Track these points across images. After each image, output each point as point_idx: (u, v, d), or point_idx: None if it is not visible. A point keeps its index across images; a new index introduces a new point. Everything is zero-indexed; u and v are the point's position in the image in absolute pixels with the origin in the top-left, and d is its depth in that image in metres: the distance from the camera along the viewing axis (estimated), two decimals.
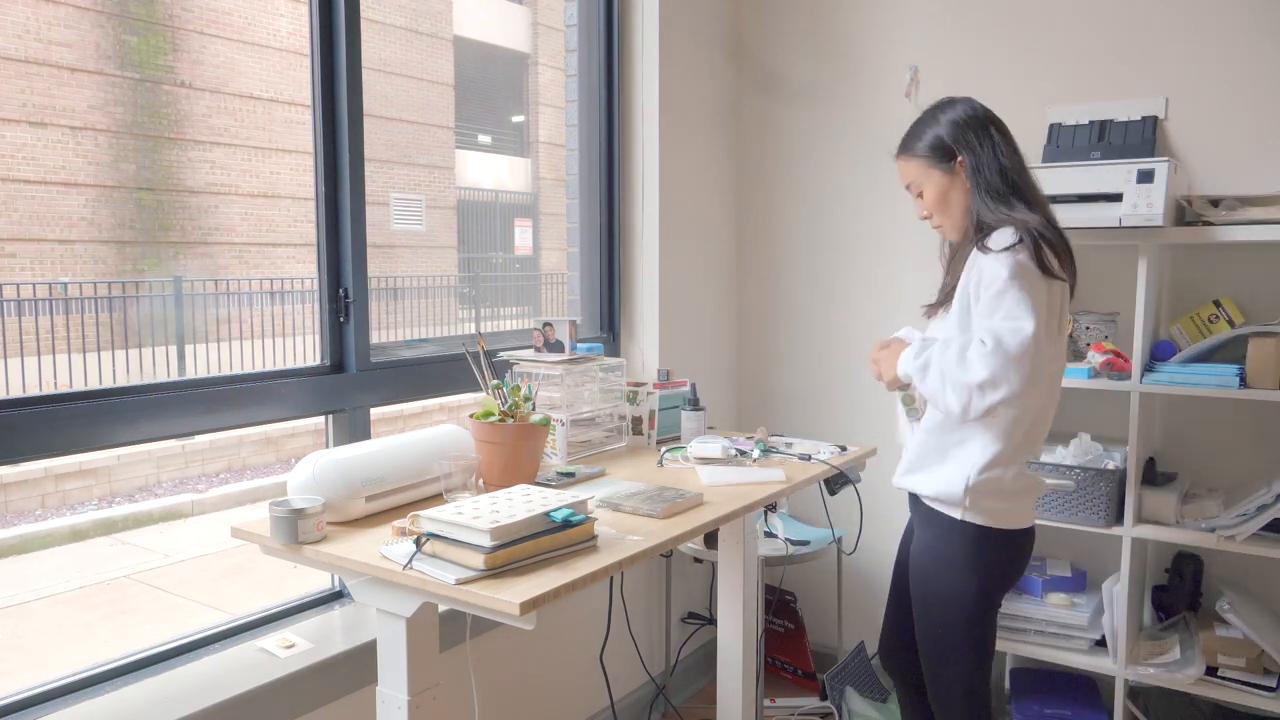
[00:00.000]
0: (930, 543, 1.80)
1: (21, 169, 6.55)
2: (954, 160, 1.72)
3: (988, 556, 1.74)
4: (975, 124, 1.71)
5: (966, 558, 1.74)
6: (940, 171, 1.74)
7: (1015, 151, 1.72)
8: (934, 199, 1.76)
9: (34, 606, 4.38)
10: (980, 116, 1.72)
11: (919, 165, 1.77)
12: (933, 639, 1.82)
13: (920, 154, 1.76)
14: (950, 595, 1.76)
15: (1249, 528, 2.19)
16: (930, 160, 1.74)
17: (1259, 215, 2.18)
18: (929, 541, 1.80)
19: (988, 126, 1.71)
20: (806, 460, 2.08)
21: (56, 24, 6.79)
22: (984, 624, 1.78)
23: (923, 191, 1.78)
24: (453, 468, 1.63)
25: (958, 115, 1.73)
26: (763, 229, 3.10)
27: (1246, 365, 2.18)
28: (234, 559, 4.97)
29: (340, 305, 1.99)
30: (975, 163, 1.69)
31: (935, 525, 1.78)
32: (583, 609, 2.53)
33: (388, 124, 9.60)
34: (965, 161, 1.71)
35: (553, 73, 11.92)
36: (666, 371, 2.41)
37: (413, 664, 1.43)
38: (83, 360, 6.03)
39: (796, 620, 2.95)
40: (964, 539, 1.74)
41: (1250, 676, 2.22)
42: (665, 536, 1.52)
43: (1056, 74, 2.58)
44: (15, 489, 5.38)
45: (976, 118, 1.72)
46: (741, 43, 3.07)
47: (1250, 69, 2.35)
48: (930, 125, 1.76)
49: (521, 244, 11.69)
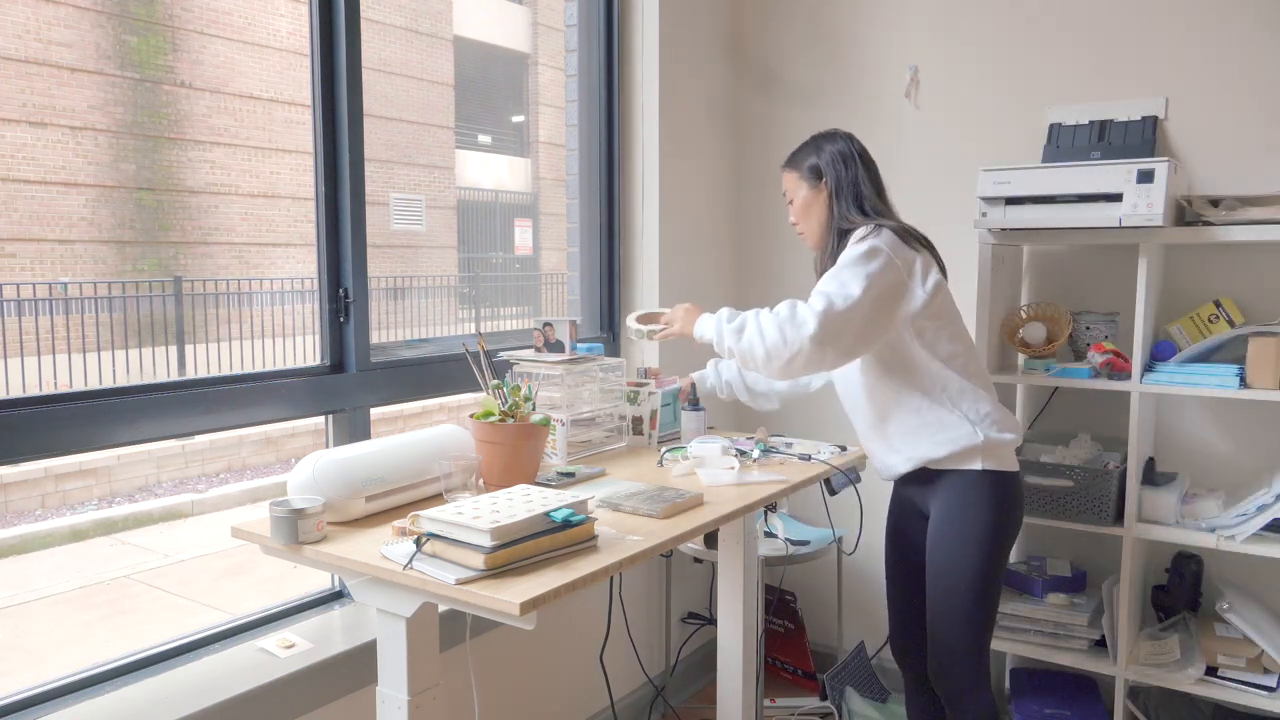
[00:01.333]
0: (954, 504, 1.89)
1: (21, 169, 6.55)
2: (821, 180, 1.97)
3: (1006, 501, 1.88)
4: (845, 155, 1.96)
5: (990, 510, 1.87)
6: (808, 186, 1.99)
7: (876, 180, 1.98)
8: (799, 208, 2.01)
9: (34, 606, 4.38)
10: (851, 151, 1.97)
11: (794, 179, 2.02)
12: (955, 602, 1.89)
13: (797, 170, 2.02)
14: (978, 550, 1.87)
15: (1249, 528, 2.20)
16: (802, 176, 2.00)
17: (1259, 215, 2.18)
18: (953, 504, 1.89)
19: (855, 158, 1.96)
20: (806, 460, 2.08)
21: (56, 24, 6.80)
22: (998, 578, 1.92)
23: (793, 200, 2.02)
24: (453, 468, 1.63)
25: (835, 147, 1.97)
26: (762, 229, 3.10)
27: (1246, 365, 2.18)
28: (234, 559, 4.97)
29: (340, 305, 1.99)
30: (837, 185, 1.95)
31: (952, 490, 1.89)
32: (583, 609, 2.53)
33: (388, 124, 9.61)
34: (828, 182, 1.96)
35: (553, 73, 11.92)
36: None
37: (413, 664, 1.43)
38: (83, 360, 6.03)
39: (796, 620, 2.95)
40: (985, 489, 1.86)
41: (1250, 676, 2.22)
42: (665, 536, 1.52)
43: (1056, 74, 2.58)
44: (15, 489, 5.39)
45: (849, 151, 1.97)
46: (741, 43, 3.07)
47: (1250, 69, 2.35)
48: (811, 149, 2.01)
49: (521, 244, 11.69)
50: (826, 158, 1.97)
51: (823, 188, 1.96)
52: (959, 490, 1.88)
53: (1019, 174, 2.33)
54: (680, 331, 2.02)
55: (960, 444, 1.85)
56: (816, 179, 1.98)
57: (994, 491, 1.87)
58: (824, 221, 1.97)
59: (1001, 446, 1.87)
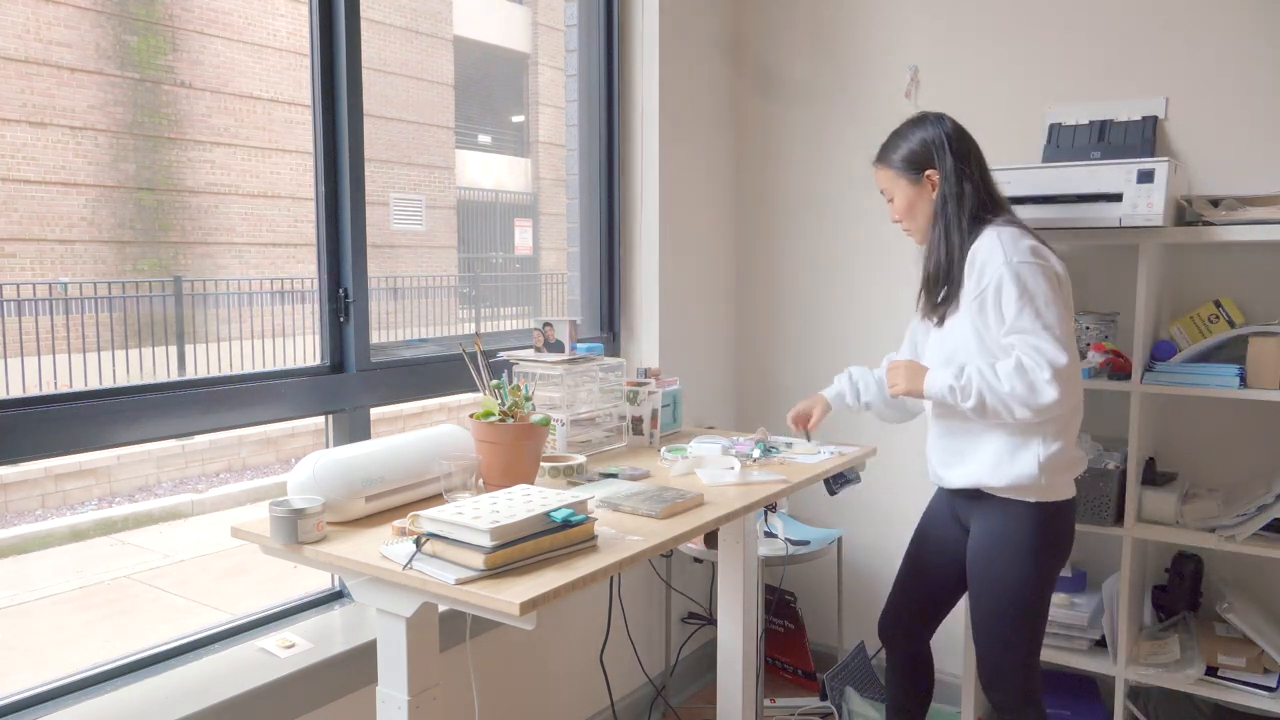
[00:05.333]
0: (998, 530, 1.88)
1: (21, 169, 6.55)
2: (923, 173, 1.88)
3: (1054, 530, 1.87)
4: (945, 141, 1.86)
5: (1037, 537, 1.85)
6: (908, 182, 1.90)
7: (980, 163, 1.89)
8: (902, 207, 1.93)
9: (34, 606, 4.38)
10: (950, 133, 1.88)
11: (890, 175, 1.92)
12: (998, 625, 1.89)
13: (893, 165, 1.92)
14: (1021, 575, 1.86)
15: (1249, 528, 2.19)
16: (900, 171, 1.90)
17: (1259, 215, 2.18)
18: (996, 529, 1.88)
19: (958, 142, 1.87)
20: (806, 460, 2.08)
21: (56, 24, 6.80)
22: (1042, 599, 1.91)
23: (894, 198, 1.94)
24: (453, 468, 1.63)
25: (929, 133, 1.88)
26: (762, 228, 3.10)
27: (1246, 365, 2.18)
28: (234, 559, 4.97)
29: (340, 305, 1.99)
30: (944, 176, 1.86)
31: (1001, 514, 1.87)
32: (583, 609, 2.53)
33: (388, 124, 9.60)
34: (934, 175, 1.87)
35: (553, 73, 11.92)
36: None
37: (413, 664, 1.43)
38: (83, 360, 6.03)
39: (796, 620, 2.95)
40: (1033, 519, 1.85)
41: (1250, 676, 2.22)
42: (665, 536, 1.52)
43: (1056, 74, 2.58)
44: (15, 489, 5.38)
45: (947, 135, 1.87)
46: (741, 43, 3.07)
47: (1250, 69, 2.35)
48: (904, 139, 1.91)
49: (521, 244, 11.69)
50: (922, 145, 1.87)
51: (926, 182, 1.88)
52: (1005, 517, 1.87)
53: (1019, 174, 2.33)
54: (906, 390, 1.90)
55: (1021, 482, 1.83)
56: (918, 171, 1.88)
57: (1041, 520, 1.85)
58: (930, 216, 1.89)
59: (1062, 487, 1.86)
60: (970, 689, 2.54)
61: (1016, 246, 1.78)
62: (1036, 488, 1.83)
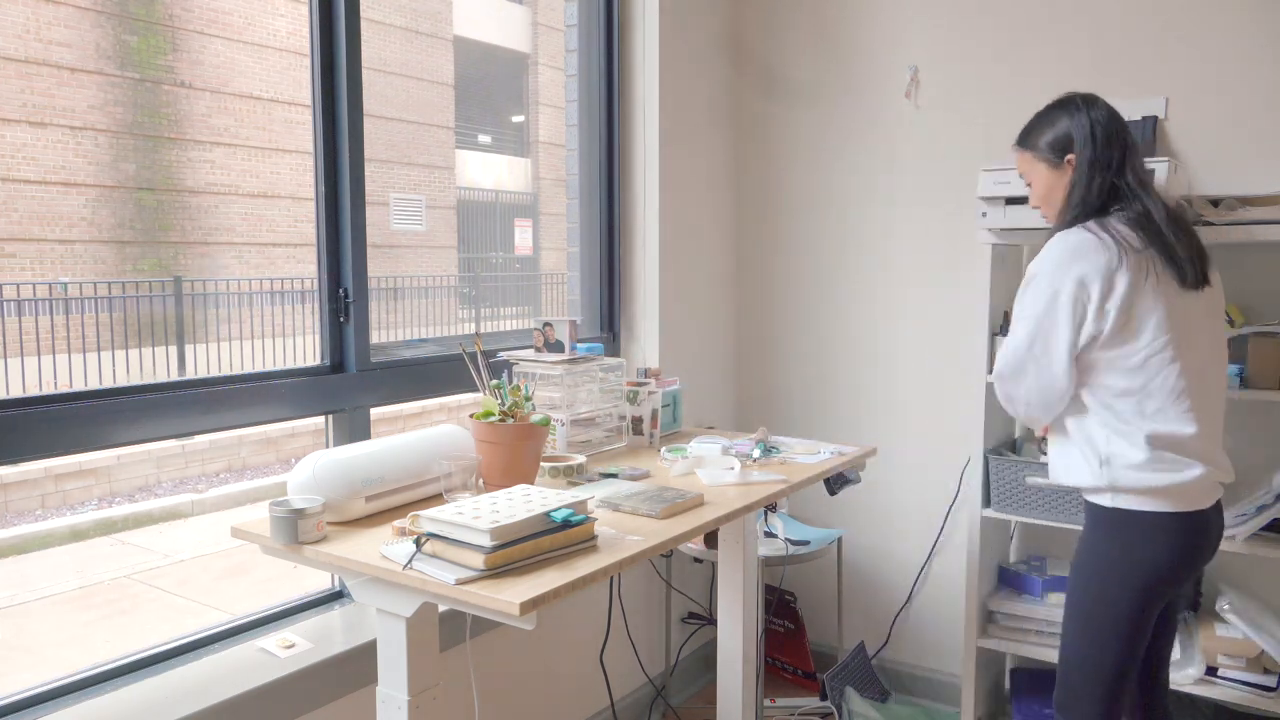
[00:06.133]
0: (1082, 534, 1.80)
1: (21, 169, 6.55)
2: (1064, 158, 1.79)
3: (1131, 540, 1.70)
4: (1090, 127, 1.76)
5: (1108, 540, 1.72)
6: (1048, 166, 1.81)
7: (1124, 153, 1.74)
8: (1040, 193, 1.84)
9: (34, 606, 4.38)
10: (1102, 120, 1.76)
11: (1029, 158, 1.85)
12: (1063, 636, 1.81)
13: (1033, 149, 1.84)
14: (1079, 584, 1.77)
15: (1249, 528, 2.19)
16: (1039, 155, 1.82)
17: (1259, 215, 2.18)
18: (1082, 534, 1.80)
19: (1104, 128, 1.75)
20: (807, 460, 2.08)
21: (56, 24, 6.79)
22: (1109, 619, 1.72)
23: (1031, 182, 1.86)
24: (453, 468, 1.63)
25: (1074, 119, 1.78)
26: (762, 228, 3.10)
27: (1246, 365, 2.18)
28: (234, 559, 4.97)
29: (340, 305, 1.99)
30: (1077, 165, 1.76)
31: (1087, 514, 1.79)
32: (583, 609, 2.53)
33: (388, 124, 9.60)
34: (1074, 160, 1.77)
35: (553, 73, 11.91)
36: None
37: (413, 664, 1.43)
38: (83, 360, 6.03)
39: (796, 620, 2.95)
40: (1107, 522, 1.73)
41: (1250, 676, 2.22)
42: (665, 536, 1.52)
43: (1056, 74, 2.57)
44: (15, 489, 5.38)
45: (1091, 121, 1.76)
46: (741, 43, 3.07)
47: (1250, 69, 2.35)
48: (1048, 124, 1.82)
49: (521, 244, 11.68)
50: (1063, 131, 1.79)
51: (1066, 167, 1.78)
52: (1087, 520, 1.79)
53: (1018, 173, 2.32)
54: None
55: (1084, 481, 1.74)
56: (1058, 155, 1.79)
57: (1115, 528, 1.71)
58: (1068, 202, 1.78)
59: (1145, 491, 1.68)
60: (970, 689, 2.54)
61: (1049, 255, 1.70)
62: (1103, 489, 1.71)
